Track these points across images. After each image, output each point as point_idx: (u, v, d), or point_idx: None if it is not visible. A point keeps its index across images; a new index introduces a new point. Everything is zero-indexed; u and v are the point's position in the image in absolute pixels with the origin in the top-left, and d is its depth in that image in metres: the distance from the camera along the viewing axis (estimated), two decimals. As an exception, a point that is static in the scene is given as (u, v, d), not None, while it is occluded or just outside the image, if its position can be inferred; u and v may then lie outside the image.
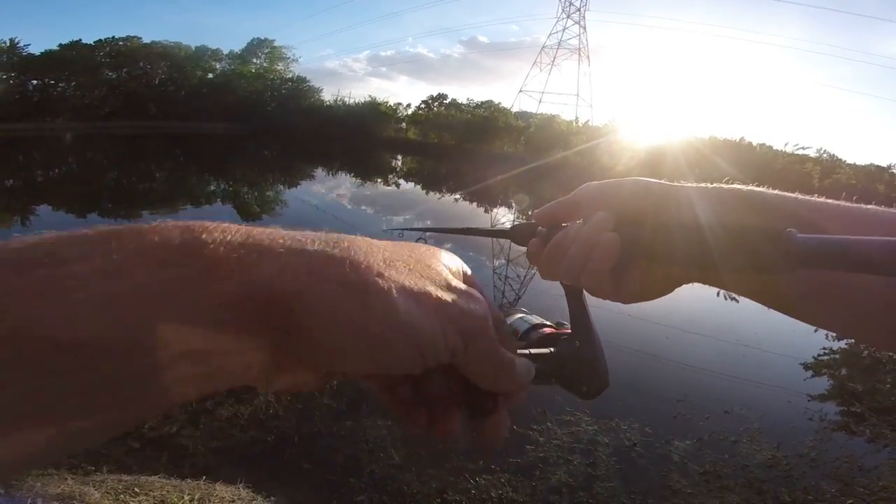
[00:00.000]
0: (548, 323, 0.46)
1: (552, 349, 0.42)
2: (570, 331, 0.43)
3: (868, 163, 18.91)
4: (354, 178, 17.46)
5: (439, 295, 0.22)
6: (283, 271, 0.18)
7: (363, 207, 11.81)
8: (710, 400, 3.64)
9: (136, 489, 1.91)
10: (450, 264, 0.26)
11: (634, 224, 0.37)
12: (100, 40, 33.04)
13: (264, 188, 13.86)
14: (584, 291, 0.42)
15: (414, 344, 0.20)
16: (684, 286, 0.40)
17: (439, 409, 0.26)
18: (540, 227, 0.43)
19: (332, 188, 14.84)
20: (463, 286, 0.25)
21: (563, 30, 36.13)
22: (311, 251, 0.19)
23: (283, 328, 0.18)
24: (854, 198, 0.39)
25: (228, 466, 2.45)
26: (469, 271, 0.28)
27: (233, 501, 2.01)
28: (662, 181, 0.40)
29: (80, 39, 32.46)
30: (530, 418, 3.12)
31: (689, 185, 0.39)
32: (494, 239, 8.93)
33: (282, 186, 14.62)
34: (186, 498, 1.91)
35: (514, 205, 14.80)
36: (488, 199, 14.59)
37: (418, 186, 17.45)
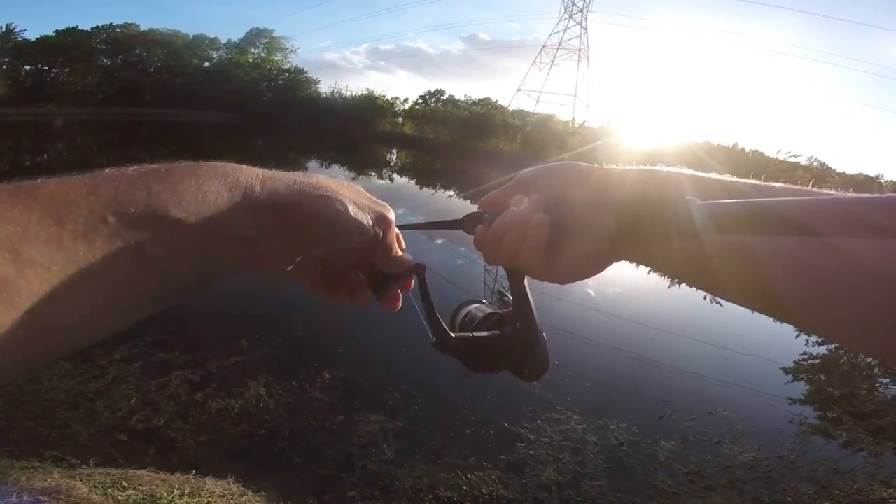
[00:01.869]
0: (500, 312, 0.49)
1: (496, 332, 0.45)
2: (513, 309, 0.46)
3: (857, 172, 19.17)
4: (348, 171, 17.36)
5: (371, 206, 0.38)
6: (289, 189, 0.32)
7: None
8: (695, 401, 3.70)
9: (124, 483, 1.90)
10: (368, 194, 0.40)
11: (562, 204, 0.39)
12: (97, 27, 32.67)
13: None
14: (526, 276, 0.44)
15: (357, 228, 0.35)
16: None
17: (357, 288, 0.42)
18: (486, 214, 0.45)
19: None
20: (382, 203, 0.40)
21: (565, 30, 36.14)
22: (302, 180, 0.34)
23: (290, 219, 0.32)
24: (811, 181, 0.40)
25: (218, 460, 2.44)
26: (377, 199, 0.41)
27: (223, 496, 2.01)
28: (591, 164, 0.42)
29: (77, 26, 32.15)
30: (521, 416, 3.16)
31: (616, 166, 0.41)
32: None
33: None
34: (176, 492, 1.89)
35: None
36: (482, 196, 14.55)
37: (412, 181, 17.38)
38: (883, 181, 18.14)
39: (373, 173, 17.62)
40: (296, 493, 2.34)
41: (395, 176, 18.01)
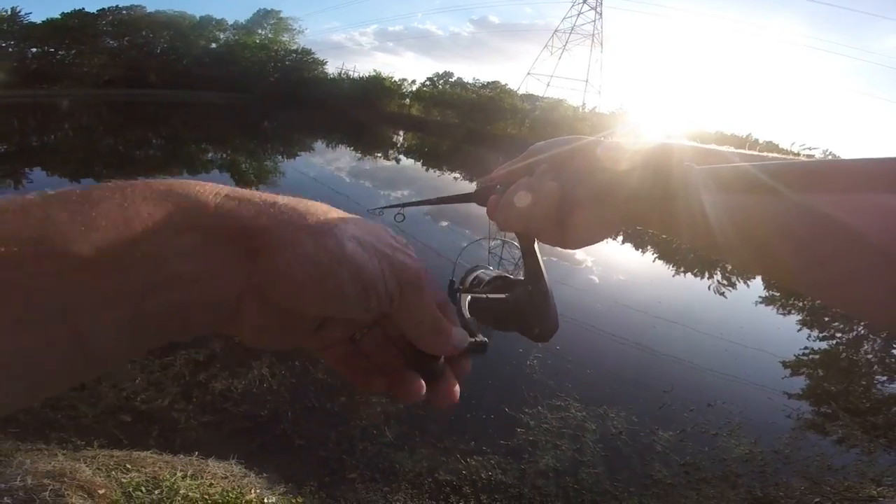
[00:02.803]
0: (508, 275, 0.50)
1: (507, 294, 0.46)
2: (524, 272, 0.47)
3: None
4: (354, 152, 17.29)
5: (381, 247, 0.26)
6: (258, 214, 0.23)
7: (362, 181, 11.71)
8: (695, 392, 3.71)
9: (127, 465, 1.92)
10: (391, 232, 0.30)
11: (570, 172, 0.41)
12: (103, 9, 32.44)
13: (262, 158, 13.71)
14: (536, 241, 0.46)
15: (358, 280, 0.24)
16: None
17: (395, 374, 0.30)
18: (498, 186, 0.47)
19: (331, 160, 14.70)
20: (402, 245, 0.28)
21: (579, 14, 35.34)
22: (280, 203, 0.24)
23: (256, 254, 0.23)
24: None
25: (221, 442, 2.48)
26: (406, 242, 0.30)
27: (225, 477, 2.04)
28: (599, 137, 0.44)
29: (84, 8, 31.98)
30: (522, 402, 3.18)
31: (619, 139, 0.43)
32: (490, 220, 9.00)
33: (280, 157, 14.46)
34: (179, 474, 1.92)
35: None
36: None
37: (419, 163, 17.29)
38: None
39: (379, 154, 17.52)
40: (297, 475, 2.38)
41: (401, 158, 17.92)
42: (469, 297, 0.41)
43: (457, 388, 0.30)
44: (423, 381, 0.29)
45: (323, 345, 0.30)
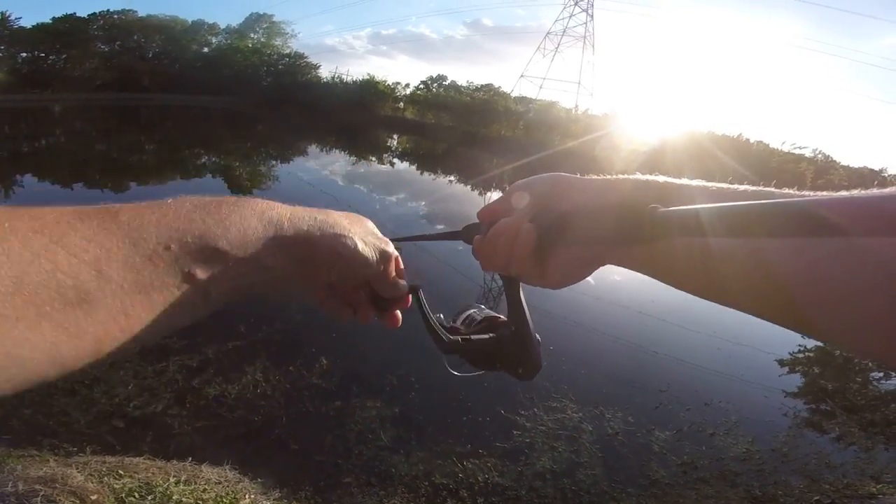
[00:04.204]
0: (497, 315, 0.53)
1: (492, 334, 0.50)
2: (508, 314, 0.51)
3: (861, 165, 19.01)
4: (349, 156, 17.27)
5: (374, 241, 0.42)
6: (310, 226, 0.37)
7: (357, 185, 11.70)
8: (691, 391, 3.71)
9: (120, 471, 1.90)
10: (375, 229, 0.45)
11: (547, 213, 0.42)
12: (94, 13, 32.29)
13: (257, 163, 13.65)
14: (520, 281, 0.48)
15: (363, 262, 0.40)
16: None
17: (360, 307, 0.47)
18: (482, 225, 0.48)
19: (325, 165, 14.67)
20: (384, 239, 0.44)
21: (570, 16, 35.47)
22: (320, 219, 0.39)
23: (309, 252, 0.37)
24: (773, 182, 0.41)
25: (215, 447, 2.45)
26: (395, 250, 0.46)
27: (219, 482, 2.01)
28: (574, 175, 0.44)
29: (75, 13, 31.86)
30: (518, 404, 3.17)
31: (602, 177, 0.43)
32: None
33: (275, 161, 14.42)
34: (172, 479, 1.89)
35: (507, 188, 14.72)
36: (483, 182, 14.52)
37: (413, 167, 17.29)
38: (887, 175, 18.01)
39: (373, 158, 17.50)
40: (292, 480, 2.36)
41: (396, 161, 17.90)
42: (458, 338, 0.48)
43: (398, 315, 0.49)
44: (377, 311, 0.48)
45: (316, 293, 0.45)
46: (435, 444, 2.74)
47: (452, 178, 15.06)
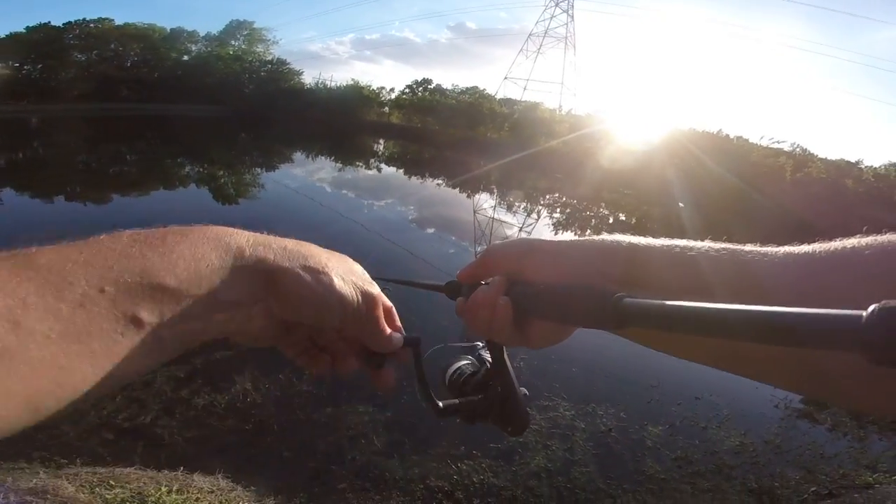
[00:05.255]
0: (483, 371, 0.56)
1: (481, 395, 0.53)
2: (494, 375, 0.54)
3: (839, 158, 19.39)
4: (335, 162, 17.20)
5: (356, 280, 0.38)
6: (277, 256, 0.34)
7: (344, 192, 11.65)
8: (682, 386, 3.74)
9: (111, 482, 1.86)
10: (363, 270, 0.42)
11: (521, 285, 0.43)
12: (69, 22, 31.84)
13: (241, 171, 13.52)
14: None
15: (340, 302, 0.36)
16: None
17: (339, 357, 0.43)
18: (463, 286, 0.50)
19: (312, 172, 14.60)
20: (368, 280, 0.41)
21: (551, 18, 35.90)
22: (290, 249, 0.35)
23: (272, 286, 0.33)
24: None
25: (206, 456, 2.42)
26: (388, 301, 0.44)
27: (212, 492, 1.98)
28: (549, 239, 0.46)
29: (49, 22, 31.34)
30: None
31: (571, 240, 0.45)
32: (477, 226, 8.90)
33: (259, 170, 14.30)
34: (164, 489, 1.86)
35: (495, 191, 14.83)
36: (471, 185, 14.57)
37: (401, 171, 17.28)
38: (863, 166, 18.42)
39: (360, 164, 17.46)
40: (286, 488, 2.33)
41: (383, 166, 17.87)
42: (448, 401, 0.52)
43: (392, 375, 0.46)
44: (368, 368, 0.45)
45: (291, 342, 0.41)
46: (428, 446, 2.73)
47: (440, 181, 15.08)
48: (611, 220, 12.77)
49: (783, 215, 14.36)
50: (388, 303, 0.44)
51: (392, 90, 34.72)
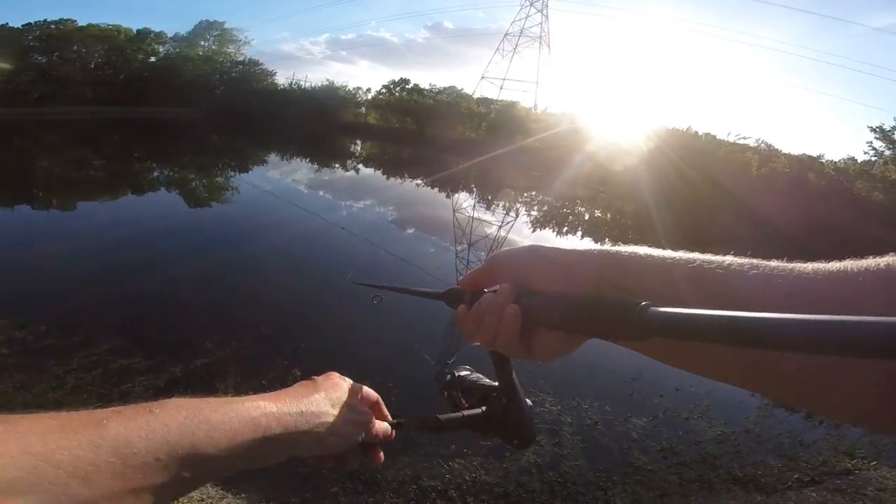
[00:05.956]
0: (486, 381, 0.56)
1: (483, 408, 0.52)
2: (498, 387, 0.52)
3: (801, 152, 20.12)
4: (312, 164, 16.98)
5: (354, 415, 0.48)
6: (296, 423, 0.42)
7: (321, 193, 11.51)
8: (662, 377, 3.82)
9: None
10: (358, 394, 0.51)
11: (531, 294, 0.42)
12: (28, 24, 30.65)
13: (213, 174, 13.21)
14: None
15: (346, 440, 0.47)
16: None
17: (342, 458, 0.52)
18: (465, 295, 0.48)
19: (287, 173, 14.38)
20: (363, 409, 0.51)
21: (526, 17, 36.20)
22: (305, 411, 0.44)
23: (294, 446, 0.43)
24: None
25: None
26: (373, 393, 0.55)
27: (201, 500, 1.94)
28: (556, 247, 0.44)
29: (7, 23, 30.12)
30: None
31: (577, 249, 0.43)
32: (457, 225, 8.88)
33: (233, 172, 14.01)
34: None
35: (474, 190, 14.89)
36: (450, 184, 14.59)
37: (379, 171, 17.16)
38: (824, 161, 19.17)
39: (337, 165, 17.27)
40: (277, 494, 2.29)
41: (360, 167, 17.72)
42: (449, 415, 0.52)
43: (381, 455, 0.55)
44: (362, 454, 0.53)
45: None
46: (419, 447, 2.72)
47: (419, 181, 15.05)
48: (586, 217, 12.97)
49: (750, 207, 14.83)
50: (374, 396, 0.55)
51: (368, 90, 34.54)
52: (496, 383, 0.53)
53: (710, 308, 0.27)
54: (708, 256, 0.37)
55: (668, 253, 0.39)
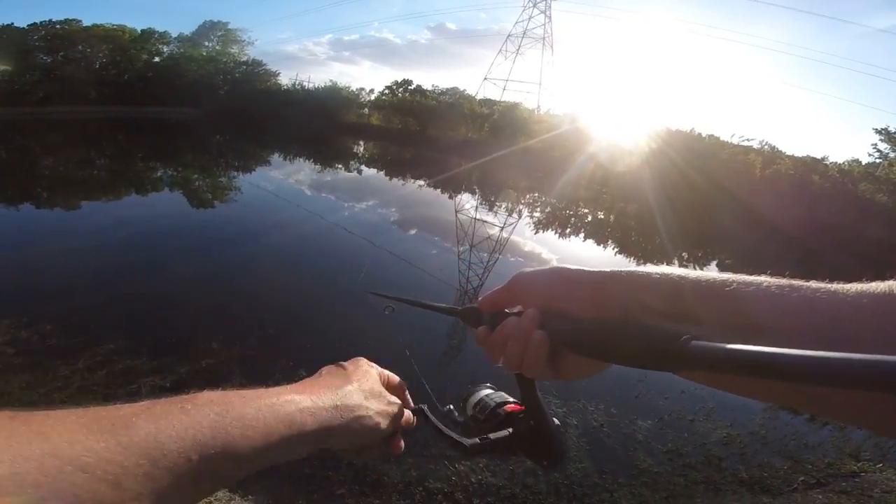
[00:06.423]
0: (510, 400, 0.55)
1: (510, 430, 0.51)
2: (524, 409, 0.51)
3: (805, 154, 20.07)
4: (315, 164, 17.00)
5: (382, 405, 0.47)
6: (331, 417, 0.41)
7: (325, 194, 11.52)
8: (668, 379, 3.78)
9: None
10: (386, 381, 0.52)
11: (558, 318, 0.41)
12: (33, 24, 30.83)
13: (217, 174, 13.23)
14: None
15: (379, 433, 0.46)
16: None
17: (363, 449, 0.49)
18: (486, 315, 0.47)
19: (290, 174, 14.39)
20: (393, 399, 0.50)
21: (529, 18, 36.15)
22: (340, 405, 0.43)
23: (332, 437, 0.41)
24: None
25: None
26: (397, 378, 0.55)
27: (209, 501, 1.93)
28: (581, 268, 0.42)
29: (13, 23, 30.30)
30: (503, 404, 3.18)
31: (603, 270, 0.41)
32: (459, 226, 8.87)
33: (236, 172, 14.04)
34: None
35: (476, 191, 14.89)
36: (452, 185, 14.58)
37: (382, 172, 17.17)
38: (828, 163, 19.12)
39: (340, 166, 17.28)
40: (284, 496, 2.29)
41: (363, 168, 17.73)
42: (477, 440, 0.50)
43: (402, 443, 0.53)
44: (380, 449, 0.51)
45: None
46: (425, 448, 2.71)
47: (422, 182, 15.04)
48: (589, 218, 12.95)
49: (753, 209, 14.80)
50: (400, 381, 0.55)
51: (371, 91, 34.60)
52: (521, 404, 0.52)
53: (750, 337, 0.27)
54: (743, 277, 0.36)
55: (704, 274, 0.38)
